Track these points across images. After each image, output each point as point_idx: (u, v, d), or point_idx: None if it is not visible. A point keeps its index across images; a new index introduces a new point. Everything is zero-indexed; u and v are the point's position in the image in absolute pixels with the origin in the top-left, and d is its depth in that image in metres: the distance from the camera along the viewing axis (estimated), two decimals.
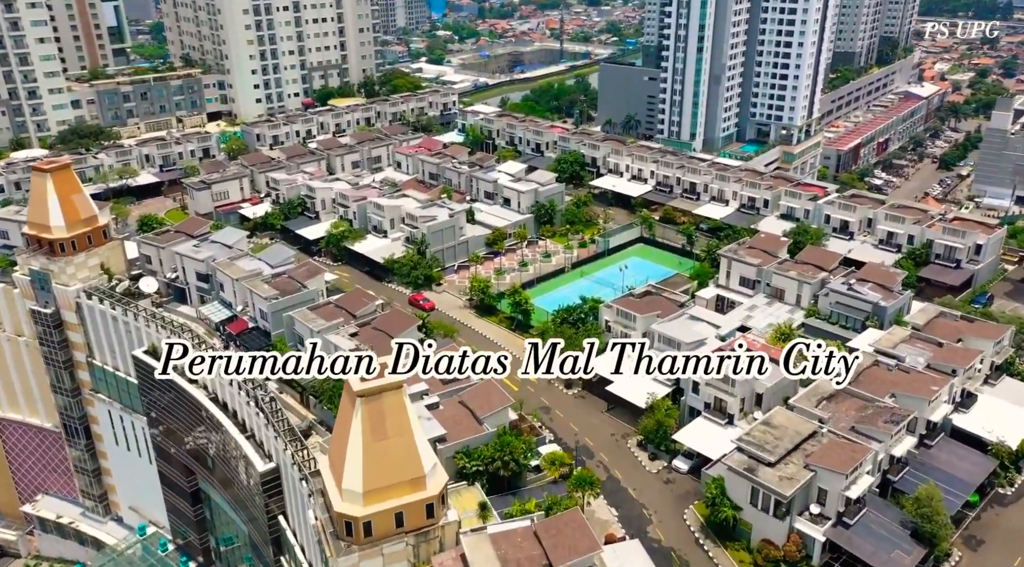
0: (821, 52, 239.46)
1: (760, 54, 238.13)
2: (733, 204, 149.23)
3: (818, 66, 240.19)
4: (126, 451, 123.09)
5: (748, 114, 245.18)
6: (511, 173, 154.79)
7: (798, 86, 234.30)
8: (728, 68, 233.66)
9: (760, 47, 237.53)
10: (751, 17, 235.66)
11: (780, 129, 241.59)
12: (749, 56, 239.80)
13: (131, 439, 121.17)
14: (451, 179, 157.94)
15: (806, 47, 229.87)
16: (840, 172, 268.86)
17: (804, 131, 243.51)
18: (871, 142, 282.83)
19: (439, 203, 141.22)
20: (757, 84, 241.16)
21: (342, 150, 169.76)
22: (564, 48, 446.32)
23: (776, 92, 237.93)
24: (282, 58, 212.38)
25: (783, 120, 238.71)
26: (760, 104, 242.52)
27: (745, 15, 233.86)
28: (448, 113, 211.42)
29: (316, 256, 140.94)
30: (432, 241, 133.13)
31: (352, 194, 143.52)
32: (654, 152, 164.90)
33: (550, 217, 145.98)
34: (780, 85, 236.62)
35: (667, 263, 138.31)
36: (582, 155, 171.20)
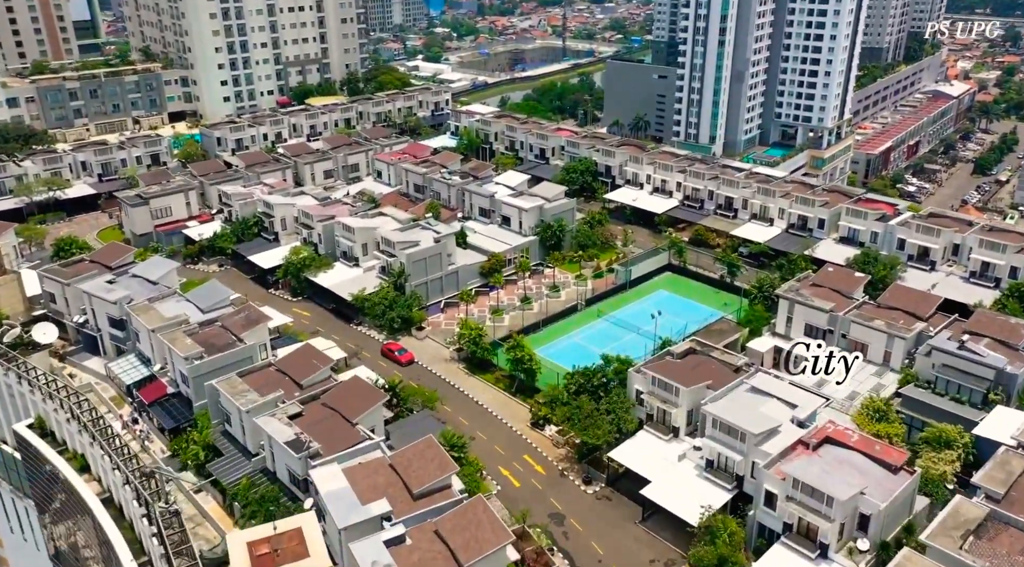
0: (855, 46, 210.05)
1: (787, 49, 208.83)
2: (779, 224, 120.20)
3: (851, 62, 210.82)
4: (22, 541, 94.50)
5: (772, 115, 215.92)
6: (511, 186, 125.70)
7: (829, 84, 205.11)
8: (752, 64, 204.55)
9: (787, 41, 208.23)
10: (777, 7, 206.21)
11: (808, 131, 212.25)
12: (774, 51, 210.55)
13: (25, 527, 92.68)
14: (439, 192, 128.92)
15: (839, 41, 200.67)
16: (870, 178, 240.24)
17: (835, 133, 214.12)
18: (901, 145, 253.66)
19: (424, 223, 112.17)
20: (783, 82, 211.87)
21: (313, 157, 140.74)
22: (567, 46, 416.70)
23: (805, 91, 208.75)
24: (253, 51, 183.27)
25: (812, 122, 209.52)
26: (786, 104, 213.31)
27: (771, 4, 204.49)
28: (440, 114, 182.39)
29: (273, 289, 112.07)
30: (413, 272, 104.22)
31: (317, 212, 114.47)
32: (680, 160, 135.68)
33: (558, 240, 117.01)
34: (809, 83, 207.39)
35: (702, 297, 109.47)
36: (594, 163, 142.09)
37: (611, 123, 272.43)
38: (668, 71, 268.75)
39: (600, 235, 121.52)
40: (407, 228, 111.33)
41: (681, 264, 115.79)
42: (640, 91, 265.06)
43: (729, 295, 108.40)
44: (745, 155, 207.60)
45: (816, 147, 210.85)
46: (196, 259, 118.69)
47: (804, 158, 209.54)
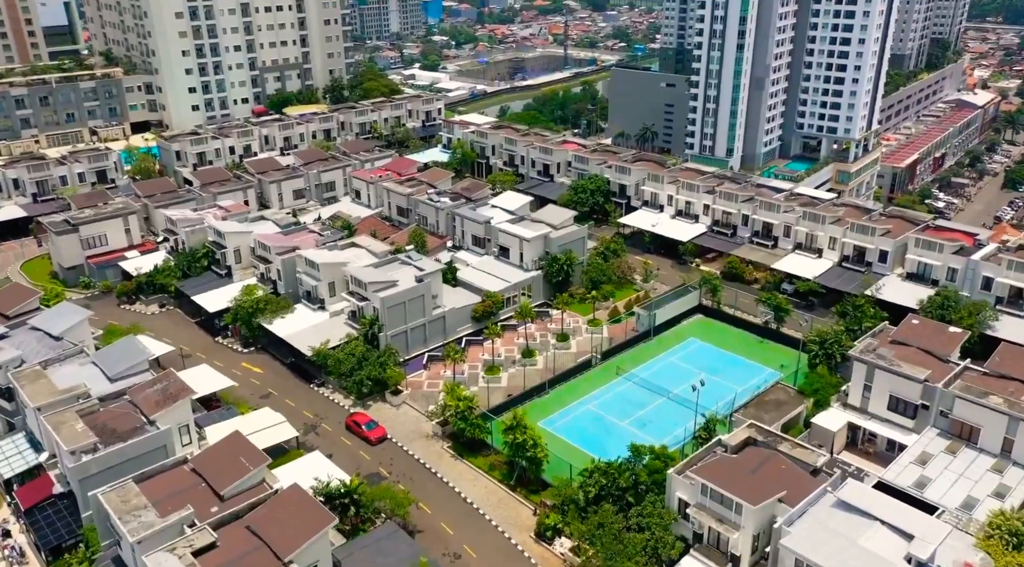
0: (884, 51, 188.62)
1: (810, 54, 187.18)
2: (830, 255, 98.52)
3: (880, 68, 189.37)
4: None
5: (794, 126, 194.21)
6: (510, 209, 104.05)
7: (857, 92, 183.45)
8: (772, 70, 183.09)
9: (810, 46, 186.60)
10: (800, 9, 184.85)
11: (832, 143, 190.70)
12: (796, 57, 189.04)
13: None
14: (426, 217, 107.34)
15: (868, 45, 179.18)
16: (896, 192, 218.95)
17: (861, 146, 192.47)
18: (927, 157, 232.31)
19: (404, 257, 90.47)
20: (805, 90, 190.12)
21: (281, 174, 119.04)
22: (568, 54, 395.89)
23: (830, 99, 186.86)
24: (225, 55, 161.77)
25: (837, 133, 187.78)
26: (809, 114, 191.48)
27: (793, 6, 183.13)
28: (432, 124, 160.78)
29: (220, 336, 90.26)
30: (390, 319, 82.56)
31: (276, 242, 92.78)
32: (707, 178, 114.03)
33: (566, 276, 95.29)
34: (835, 91, 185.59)
35: (743, 348, 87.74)
36: (607, 182, 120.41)
37: (616, 134, 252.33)
38: (677, 79, 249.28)
39: (616, 269, 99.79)
40: (383, 263, 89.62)
41: (715, 305, 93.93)
42: (647, 100, 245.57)
43: (777, 346, 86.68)
44: (765, 169, 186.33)
45: (842, 160, 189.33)
46: (133, 298, 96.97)
47: (829, 172, 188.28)
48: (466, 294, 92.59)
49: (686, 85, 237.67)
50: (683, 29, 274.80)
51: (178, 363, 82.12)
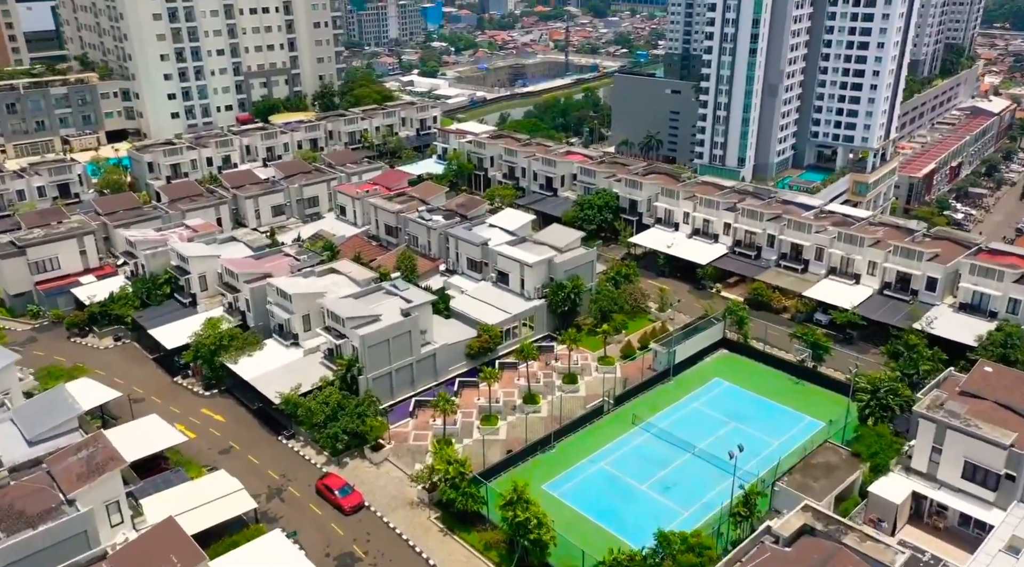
0: (904, 55, 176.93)
1: (826, 59, 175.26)
2: (868, 282, 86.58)
3: (900, 73, 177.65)
4: None
5: (808, 134, 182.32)
6: (510, 229, 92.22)
7: (876, 99, 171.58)
8: (787, 76, 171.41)
9: (826, 50, 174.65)
10: (815, 11, 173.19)
11: (848, 152, 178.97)
12: (810, 62, 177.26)
13: None
14: (416, 237, 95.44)
15: (888, 49, 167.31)
16: (912, 203, 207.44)
17: (879, 155, 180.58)
18: (944, 167, 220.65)
19: (389, 286, 78.47)
20: (821, 97, 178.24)
21: (258, 189, 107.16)
22: (570, 60, 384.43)
23: (847, 107, 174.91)
24: (208, 59, 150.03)
25: (854, 141, 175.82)
26: (825, 122, 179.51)
27: (808, 8, 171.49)
28: (427, 133, 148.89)
29: (181, 376, 78.30)
30: (371, 360, 70.69)
31: (245, 268, 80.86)
32: (727, 193, 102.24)
33: (573, 306, 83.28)
34: (852, 98, 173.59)
35: (777, 392, 75.70)
36: (616, 197, 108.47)
37: (619, 142, 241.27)
38: (682, 85, 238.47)
39: (628, 296, 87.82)
40: (365, 294, 77.72)
41: (741, 339, 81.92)
42: (651, 107, 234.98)
43: (817, 390, 74.71)
44: (779, 180, 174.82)
45: (859, 170, 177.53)
46: (85, 329, 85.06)
47: (846, 183, 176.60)
48: (460, 327, 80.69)
49: (692, 91, 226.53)
50: (688, 34, 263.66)
51: (127, 410, 70.38)
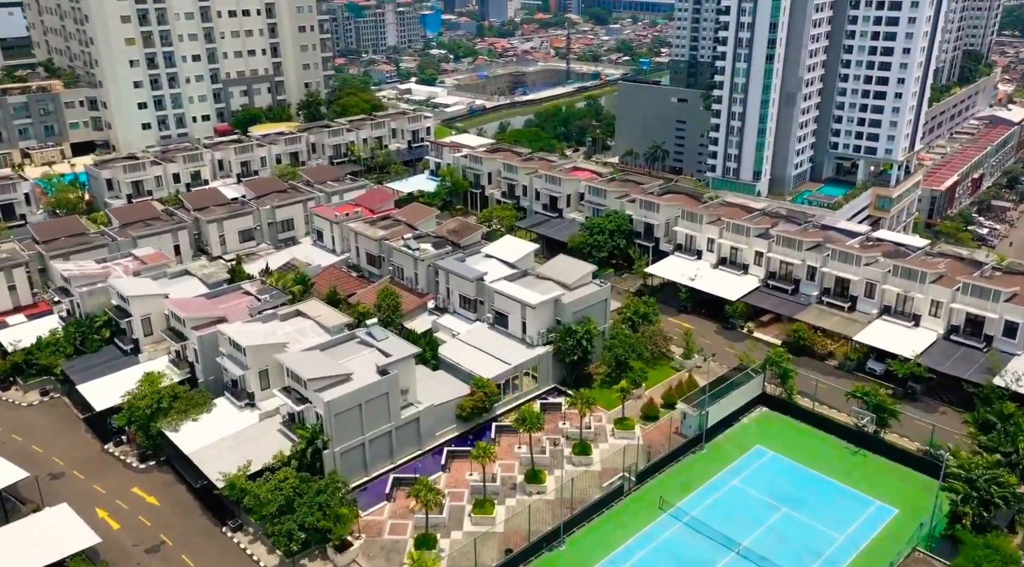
0: (930, 62, 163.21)
1: (846, 65, 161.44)
2: (932, 324, 72.53)
3: (925, 81, 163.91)
4: None
5: (827, 145, 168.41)
6: (510, 261, 78.18)
7: (901, 108, 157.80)
8: (805, 84, 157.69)
9: (847, 56, 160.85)
10: (835, 15, 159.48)
11: (870, 165, 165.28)
12: (830, 68, 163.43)
13: None
14: (402, 268, 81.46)
15: (914, 55, 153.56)
16: (935, 218, 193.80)
17: (903, 168, 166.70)
18: (965, 179, 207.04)
19: (364, 334, 64.36)
20: (841, 106, 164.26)
21: (224, 211, 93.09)
22: (571, 68, 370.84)
23: (869, 117, 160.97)
24: (182, 66, 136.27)
25: (877, 153, 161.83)
26: (845, 132, 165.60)
27: (828, 12, 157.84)
28: (419, 146, 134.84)
29: (115, 443, 64.26)
30: (339, 431, 56.73)
31: (193, 311, 66.78)
32: (758, 217, 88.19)
33: (584, 354, 69.16)
34: (875, 107, 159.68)
35: (830, 461, 61.64)
36: (629, 220, 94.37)
37: (624, 153, 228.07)
38: (689, 94, 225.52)
39: (648, 341, 73.74)
40: (336, 343, 63.70)
41: (785, 395, 67.81)
42: (656, 116, 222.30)
43: (883, 462, 60.58)
44: (797, 194, 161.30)
45: (882, 184, 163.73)
46: (8, 381, 70.93)
47: (868, 197, 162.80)
48: (450, 382, 66.66)
49: (700, 100, 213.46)
50: (696, 40, 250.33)
51: (35, 493, 56.32)
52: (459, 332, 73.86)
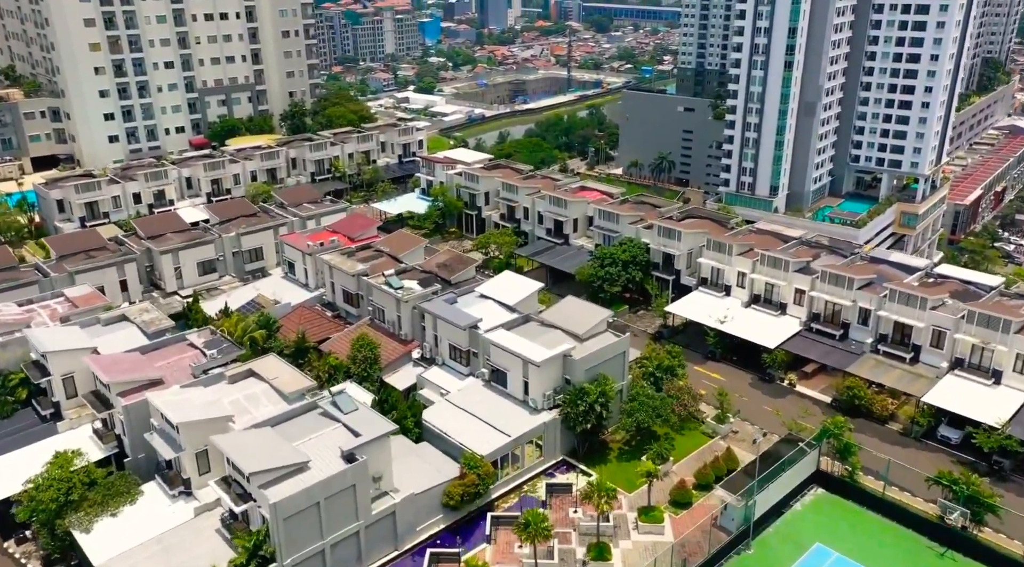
0: (959, 69, 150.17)
1: (869, 73, 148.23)
2: (1016, 381, 59.16)
3: (954, 90, 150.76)
4: None
5: (847, 158, 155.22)
6: (510, 303, 64.96)
7: (928, 119, 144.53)
8: (826, 93, 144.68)
9: (869, 63, 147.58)
10: (857, 19, 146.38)
11: (893, 179, 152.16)
12: (851, 76, 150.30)
13: None
14: (383, 309, 68.23)
15: (943, 62, 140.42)
16: (958, 234, 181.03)
17: (929, 182, 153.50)
18: (988, 192, 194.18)
19: (329, 405, 50.96)
20: (863, 116, 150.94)
21: (181, 239, 79.78)
22: (572, 76, 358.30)
23: (893, 127, 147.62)
24: (154, 73, 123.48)
25: (902, 167, 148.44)
26: (867, 145, 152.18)
27: (850, 16, 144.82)
28: (411, 161, 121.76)
29: (17, 540, 50.85)
30: (292, 536, 43.31)
31: (121, 372, 53.54)
32: (795, 247, 75.00)
33: (598, 420, 55.96)
34: (900, 117, 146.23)
35: (895, 559, 47.93)
36: (645, 248, 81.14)
37: (628, 163, 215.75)
38: (696, 103, 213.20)
39: (675, 400, 60.54)
40: (293, 416, 50.45)
41: (846, 475, 54.51)
42: (662, 126, 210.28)
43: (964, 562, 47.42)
44: (817, 210, 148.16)
45: (907, 199, 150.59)
46: None
47: (892, 214, 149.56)
48: (435, 458, 53.49)
49: (708, 109, 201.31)
50: (703, 47, 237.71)
51: None
52: (448, 390, 60.70)
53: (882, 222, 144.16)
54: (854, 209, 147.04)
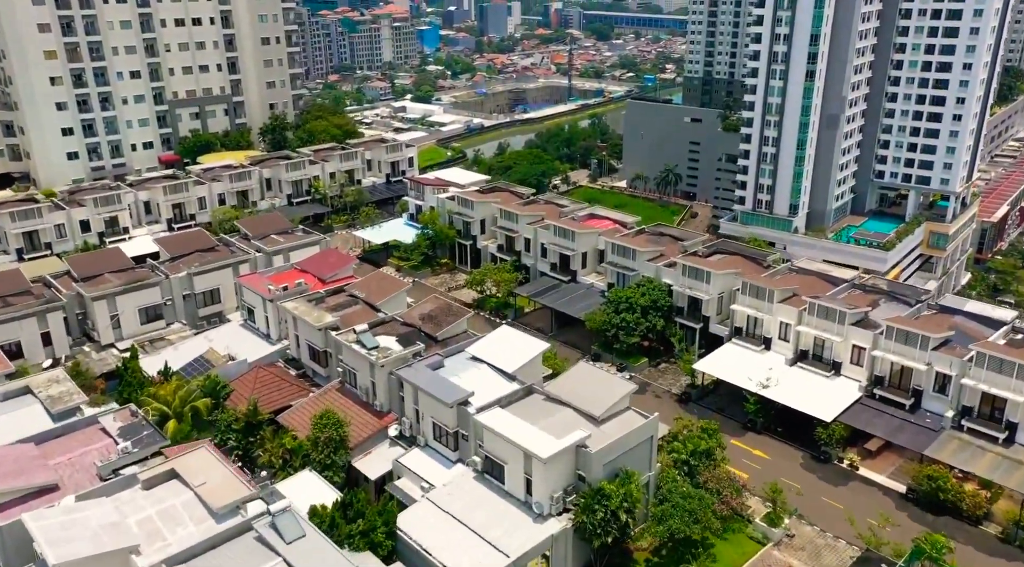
0: (993, 78, 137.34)
1: (895, 83, 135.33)
2: None
3: (987, 100, 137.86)
4: None
5: (870, 174, 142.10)
6: (509, 371, 51.63)
7: (960, 132, 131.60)
8: (849, 104, 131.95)
9: (895, 72, 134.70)
10: (882, 25, 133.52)
11: (920, 196, 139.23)
12: (875, 86, 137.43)
13: None
14: (354, 372, 54.95)
15: (976, 70, 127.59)
16: (985, 253, 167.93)
17: (959, 200, 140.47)
18: (1014, 208, 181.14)
19: (269, 527, 37.64)
20: (888, 129, 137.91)
21: (121, 280, 66.49)
22: (573, 85, 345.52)
23: (922, 141, 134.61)
24: (118, 83, 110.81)
25: (931, 183, 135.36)
26: (893, 159, 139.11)
27: (875, 21, 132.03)
28: (399, 181, 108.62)
29: None
30: None
31: (5, 477, 40.07)
32: (848, 292, 61.79)
33: (622, 531, 42.68)
34: (929, 130, 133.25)
35: None
36: (667, 291, 67.91)
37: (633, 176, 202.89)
38: (704, 113, 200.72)
39: (715, 495, 47.42)
40: (217, 544, 37.18)
41: None
42: (668, 137, 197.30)
43: None
44: (840, 231, 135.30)
45: (937, 218, 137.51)
46: None
47: (920, 235, 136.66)
48: None
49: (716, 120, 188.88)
50: (711, 56, 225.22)
51: None
52: (431, 484, 47.58)
53: (910, 243, 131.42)
54: (879, 229, 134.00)
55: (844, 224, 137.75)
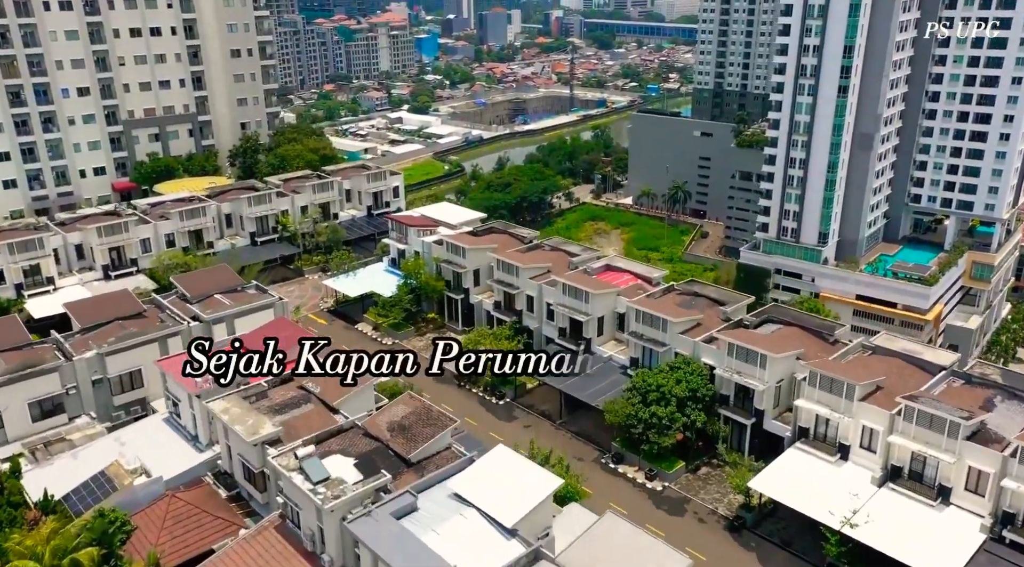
0: None
1: (934, 99, 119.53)
2: None
3: None
4: None
5: (905, 198, 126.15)
6: (508, 525, 35.77)
7: (1008, 153, 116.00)
8: (885, 123, 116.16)
9: (935, 87, 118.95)
10: (919, 35, 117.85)
11: (960, 223, 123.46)
12: (911, 103, 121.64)
13: None
14: (298, 511, 38.99)
15: None
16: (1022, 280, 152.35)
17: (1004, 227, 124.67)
18: None
19: None
20: (925, 149, 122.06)
21: (5, 361, 50.48)
22: (574, 94, 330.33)
23: (963, 163, 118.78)
24: (63, 102, 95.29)
25: (974, 209, 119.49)
26: (931, 183, 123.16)
27: (912, 31, 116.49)
28: (382, 214, 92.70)
29: None
30: None
31: None
32: (945, 386, 45.95)
33: None
34: (972, 151, 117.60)
35: None
36: (708, 374, 52.03)
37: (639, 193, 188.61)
38: (714, 127, 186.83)
39: None
40: None
41: None
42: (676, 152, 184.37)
43: None
44: (873, 261, 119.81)
45: (981, 247, 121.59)
46: None
47: (963, 265, 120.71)
48: None
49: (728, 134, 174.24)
50: (722, 66, 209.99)
51: None
52: None
53: (953, 275, 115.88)
54: (916, 259, 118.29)
55: (877, 253, 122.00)
